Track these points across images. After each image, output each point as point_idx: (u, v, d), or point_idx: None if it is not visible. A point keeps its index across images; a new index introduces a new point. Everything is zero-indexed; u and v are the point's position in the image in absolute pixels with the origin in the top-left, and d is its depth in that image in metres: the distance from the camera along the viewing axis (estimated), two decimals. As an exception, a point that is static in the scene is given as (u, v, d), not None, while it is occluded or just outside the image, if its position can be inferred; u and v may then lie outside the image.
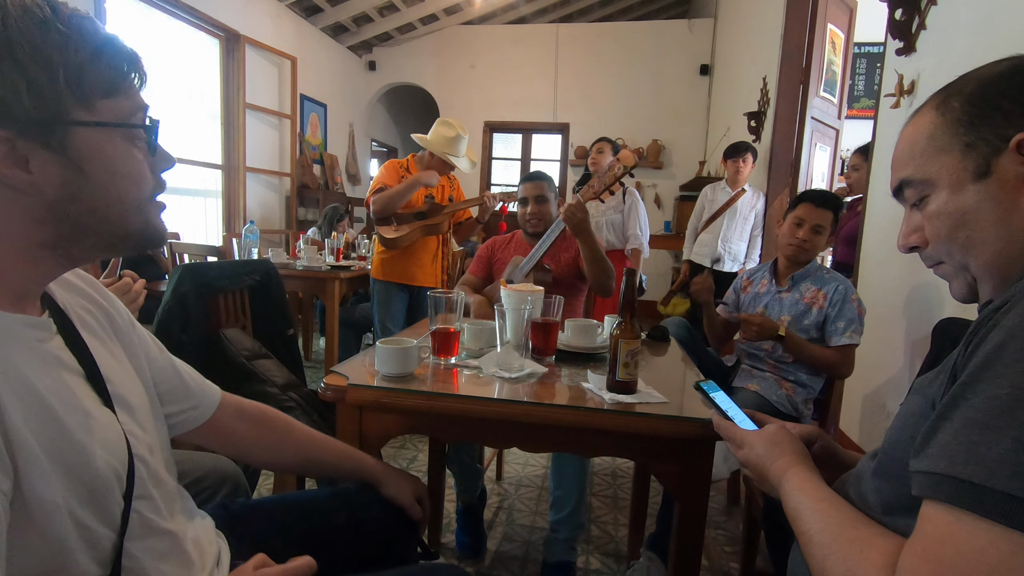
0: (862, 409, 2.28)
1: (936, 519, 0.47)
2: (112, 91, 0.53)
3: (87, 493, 0.53)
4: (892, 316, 2.08)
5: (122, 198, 0.55)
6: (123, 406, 0.61)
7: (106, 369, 0.61)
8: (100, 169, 0.53)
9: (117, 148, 0.54)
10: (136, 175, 0.56)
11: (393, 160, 2.69)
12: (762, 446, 0.72)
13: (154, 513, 0.61)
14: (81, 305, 0.64)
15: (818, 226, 1.81)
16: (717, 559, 1.77)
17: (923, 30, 2.00)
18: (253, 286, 1.73)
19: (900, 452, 0.57)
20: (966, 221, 0.56)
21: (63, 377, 0.54)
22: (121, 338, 0.68)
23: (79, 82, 0.50)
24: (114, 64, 0.53)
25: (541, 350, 1.28)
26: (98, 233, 0.55)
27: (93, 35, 0.52)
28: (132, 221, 0.56)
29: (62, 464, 0.51)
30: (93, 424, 0.55)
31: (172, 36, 4.02)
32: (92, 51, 0.51)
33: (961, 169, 0.56)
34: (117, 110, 0.54)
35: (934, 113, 0.59)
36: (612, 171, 1.64)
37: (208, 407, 0.83)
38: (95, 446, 0.54)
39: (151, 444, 0.65)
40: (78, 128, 0.51)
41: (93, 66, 0.51)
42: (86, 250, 0.56)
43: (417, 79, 6.50)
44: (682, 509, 1.00)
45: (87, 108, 0.51)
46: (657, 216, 6.06)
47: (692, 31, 5.87)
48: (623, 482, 2.24)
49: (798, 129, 3.38)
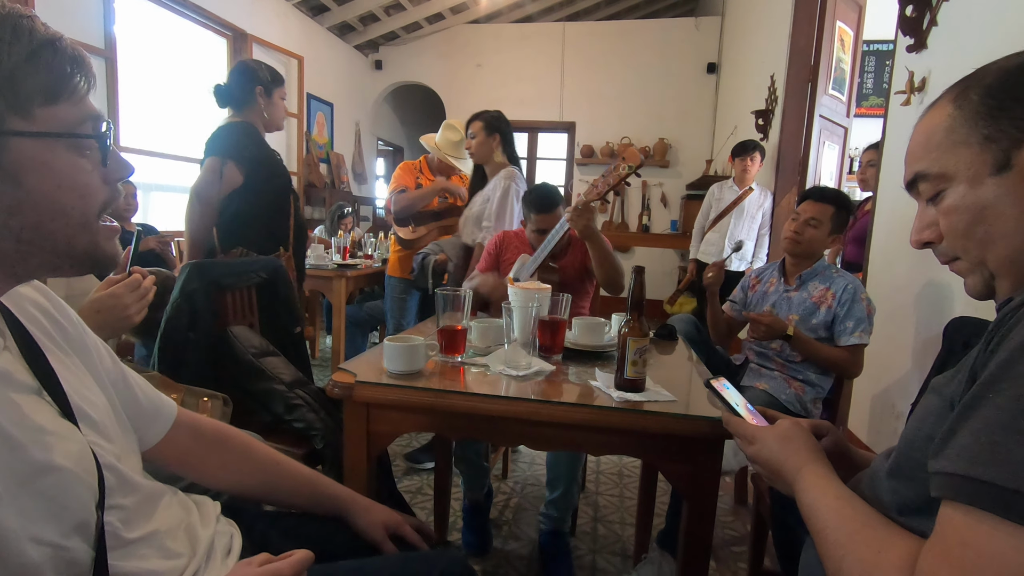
0: (871, 409, 2.26)
1: (956, 521, 0.46)
2: (53, 97, 0.49)
3: (56, 510, 0.50)
4: (902, 315, 2.07)
5: (66, 212, 0.51)
6: (84, 417, 0.58)
7: (64, 381, 0.58)
8: (41, 182, 0.49)
9: (60, 159, 0.50)
10: (82, 187, 0.52)
11: (407, 161, 2.77)
12: (775, 442, 0.70)
13: (123, 523, 0.59)
14: (32, 317, 0.61)
15: (812, 219, 1.80)
16: (725, 558, 1.76)
17: (934, 26, 1.98)
18: (261, 284, 1.73)
19: (917, 452, 0.57)
20: (984, 216, 0.55)
21: (10, 396, 0.51)
22: (75, 347, 0.65)
23: (12, 88, 0.46)
24: (54, 67, 0.49)
25: (548, 348, 1.28)
26: (43, 250, 0.51)
27: (30, 35, 0.47)
28: (78, 239, 0.52)
29: (19, 487, 0.48)
30: (51, 439, 0.52)
31: (180, 35, 4.04)
32: (27, 53, 0.47)
33: (980, 162, 0.55)
34: (60, 118, 0.50)
35: (951, 106, 0.57)
36: (617, 170, 1.61)
37: (161, 426, 0.76)
38: (57, 461, 0.51)
39: (118, 452, 0.62)
40: (13, 138, 0.47)
41: (29, 69, 0.47)
42: (31, 269, 0.53)
43: (423, 78, 6.50)
44: (691, 508, 0.99)
45: (23, 116, 0.47)
46: (663, 215, 6.05)
47: (699, 29, 5.84)
48: (629, 481, 2.23)
49: (806, 127, 3.36)
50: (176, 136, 4.00)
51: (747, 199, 3.56)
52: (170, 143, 3.95)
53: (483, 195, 2.35)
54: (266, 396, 1.51)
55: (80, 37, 3.13)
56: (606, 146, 6.04)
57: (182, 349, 1.47)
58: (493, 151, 2.32)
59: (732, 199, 3.61)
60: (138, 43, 3.64)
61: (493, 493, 1.93)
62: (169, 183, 4.01)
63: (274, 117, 2.11)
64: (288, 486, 0.86)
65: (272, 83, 2.08)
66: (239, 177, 1.98)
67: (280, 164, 2.12)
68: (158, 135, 3.86)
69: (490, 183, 2.33)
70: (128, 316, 1.03)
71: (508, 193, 2.27)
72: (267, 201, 2.04)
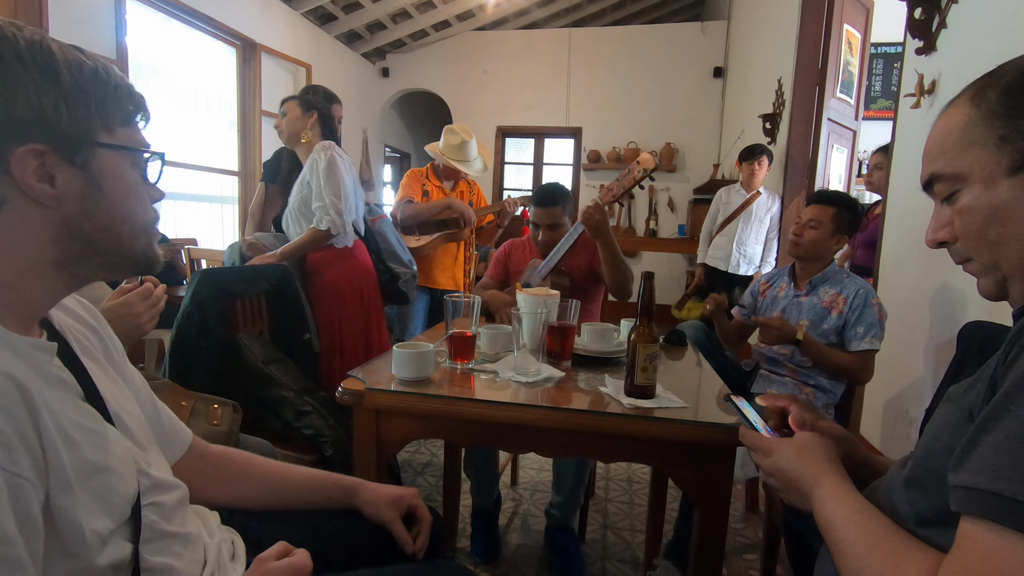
0: (883, 415, 2.24)
1: (977, 536, 0.45)
2: (126, 121, 0.60)
3: (106, 507, 0.56)
4: (914, 320, 2.05)
5: (132, 217, 0.60)
6: (121, 424, 0.63)
7: (104, 389, 0.63)
8: (115, 188, 0.58)
9: (128, 172, 0.60)
10: (143, 198, 0.62)
11: (414, 169, 2.77)
12: (792, 453, 0.70)
13: (162, 517, 0.64)
14: (77, 329, 0.67)
15: (812, 220, 1.80)
16: (736, 568, 1.74)
17: (944, 29, 1.97)
18: (269, 291, 1.74)
19: (935, 464, 0.55)
20: (998, 217, 0.54)
21: (68, 398, 0.57)
22: (114, 365, 0.71)
23: (105, 110, 0.57)
24: (128, 101, 0.61)
25: (557, 354, 1.27)
26: (107, 252, 0.59)
27: (116, 77, 0.59)
28: (139, 242, 0.61)
29: (81, 481, 0.53)
30: (101, 441, 0.57)
31: (190, 45, 4.09)
32: (114, 87, 0.59)
33: (995, 163, 0.54)
34: (131, 138, 0.61)
35: (968, 105, 0.56)
36: (631, 174, 1.61)
37: (176, 450, 0.81)
38: (109, 462, 0.57)
39: (151, 460, 0.67)
40: (100, 149, 0.57)
41: (114, 98, 0.58)
42: (91, 270, 0.60)
43: (430, 85, 6.54)
44: (702, 515, 0.98)
45: (109, 132, 0.58)
46: (671, 219, 6.03)
47: (705, 34, 5.84)
48: (639, 488, 2.22)
49: (814, 131, 3.35)
50: (186, 145, 4.04)
51: (755, 203, 3.54)
52: (180, 152, 3.99)
53: (302, 180, 2.02)
54: (275, 403, 1.51)
55: (92, 47, 3.13)
56: (613, 151, 6.04)
57: (193, 356, 1.48)
58: (305, 130, 2.04)
59: (740, 203, 3.59)
60: (149, 53, 3.68)
61: (502, 500, 1.92)
62: (179, 192, 4.05)
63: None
64: (291, 493, 0.88)
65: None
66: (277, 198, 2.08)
67: None
68: (168, 144, 3.90)
69: (305, 164, 2.03)
70: (140, 324, 1.04)
71: (334, 164, 1.94)
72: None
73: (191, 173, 4.11)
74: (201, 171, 4.20)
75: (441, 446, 2.19)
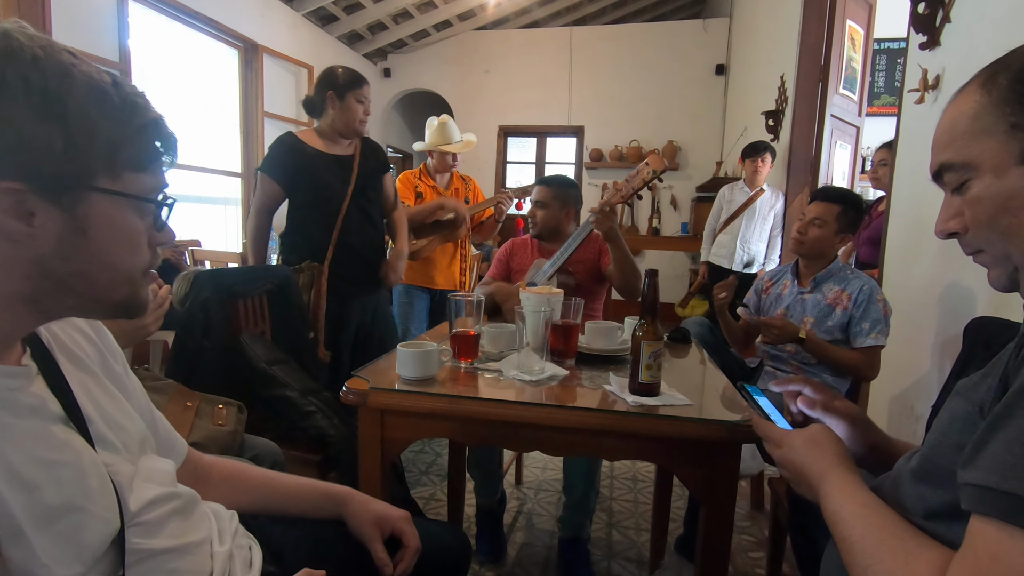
0: (889, 411, 2.23)
1: (987, 535, 0.45)
2: (142, 167, 0.55)
3: (74, 550, 0.52)
4: (919, 316, 2.03)
5: (116, 265, 0.55)
6: (105, 442, 0.60)
7: (93, 405, 0.60)
8: (104, 235, 0.53)
9: (125, 218, 0.55)
10: (135, 245, 0.57)
11: (406, 173, 2.77)
12: (802, 446, 0.69)
13: (146, 536, 0.60)
14: (72, 340, 0.63)
15: (816, 218, 1.79)
16: (742, 566, 1.74)
17: (947, 23, 1.96)
18: (272, 291, 1.74)
19: (943, 459, 0.55)
20: (1009, 207, 0.53)
21: (41, 427, 0.53)
22: (112, 376, 0.67)
23: (115, 152, 0.52)
24: (152, 143, 0.56)
25: (561, 352, 1.27)
26: (80, 295, 0.54)
27: (143, 112, 0.55)
28: (119, 290, 0.56)
29: (40, 528, 0.49)
30: (73, 476, 0.53)
31: (193, 47, 4.10)
32: (138, 127, 0.54)
33: (1005, 152, 0.52)
34: (140, 184, 0.55)
35: (979, 92, 0.55)
36: (640, 175, 1.60)
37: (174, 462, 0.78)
38: (81, 500, 0.53)
39: (144, 474, 0.64)
40: (95, 193, 0.52)
41: (133, 141, 0.54)
42: (64, 310, 0.56)
43: (432, 85, 6.54)
44: (708, 513, 0.98)
45: (112, 176, 0.53)
46: (674, 217, 6.02)
47: (707, 31, 5.82)
48: (644, 486, 2.21)
49: (817, 127, 3.33)
50: (189, 147, 4.05)
51: (758, 200, 3.53)
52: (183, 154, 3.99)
53: None
54: (279, 403, 1.51)
55: (95, 50, 3.18)
56: (615, 149, 6.03)
57: (196, 357, 1.48)
58: None
59: (743, 200, 3.58)
60: (151, 56, 3.69)
61: (506, 499, 1.92)
62: (182, 193, 4.06)
63: (346, 121, 2.00)
64: (280, 499, 0.87)
65: (345, 87, 2.00)
66: (275, 188, 1.98)
67: (326, 174, 2.00)
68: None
69: None
70: (144, 326, 1.04)
71: None
72: (302, 213, 2.02)
73: (194, 175, 4.12)
74: (204, 173, 4.21)
75: (445, 445, 2.19)
